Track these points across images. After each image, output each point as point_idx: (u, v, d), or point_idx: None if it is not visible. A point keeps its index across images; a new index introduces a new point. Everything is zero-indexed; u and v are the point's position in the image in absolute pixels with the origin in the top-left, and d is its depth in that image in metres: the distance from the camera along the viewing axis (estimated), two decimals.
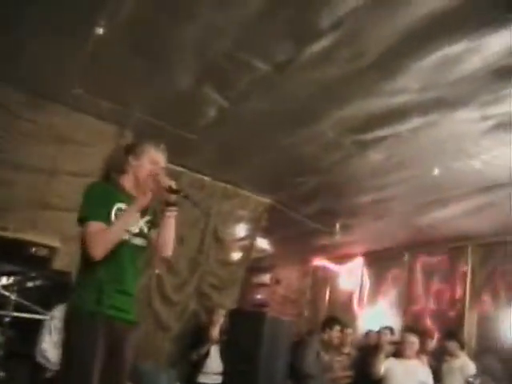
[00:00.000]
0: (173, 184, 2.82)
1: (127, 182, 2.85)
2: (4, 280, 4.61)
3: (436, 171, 5.22)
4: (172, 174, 3.94)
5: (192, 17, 3.69)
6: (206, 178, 6.55)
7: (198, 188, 6.47)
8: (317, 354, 6.19)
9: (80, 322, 2.57)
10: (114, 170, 2.87)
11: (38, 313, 4.37)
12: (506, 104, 3.94)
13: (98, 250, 2.58)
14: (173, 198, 2.84)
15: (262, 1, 3.39)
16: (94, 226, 2.60)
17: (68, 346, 2.64)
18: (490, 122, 4.25)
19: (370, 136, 4.78)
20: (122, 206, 2.76)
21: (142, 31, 3.95)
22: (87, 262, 2.65)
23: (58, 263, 5.03)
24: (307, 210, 7.06)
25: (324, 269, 9.73)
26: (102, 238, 2.61)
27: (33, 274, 4.86)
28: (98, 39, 4.01)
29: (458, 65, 3.63)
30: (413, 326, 7.13)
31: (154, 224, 2.90)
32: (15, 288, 4.49)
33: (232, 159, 5.97)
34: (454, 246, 7.37)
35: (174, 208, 2.85)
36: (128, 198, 2.81)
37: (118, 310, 2.72)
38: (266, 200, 7.10)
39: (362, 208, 6.65)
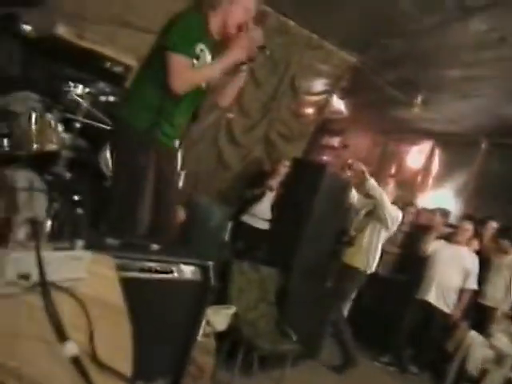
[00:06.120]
0: (261, 40, 2.73)
1: (214, 22, 2.74)
2: (79, 89, 4.72)
3: None
4: (258, 14, 3.76)
5: None
6: (292, 23, 6.25)
7: (282, 32, 6.22)
8: None
9: (133, 140, 2.62)
10: (204, 1, 2.75)
11: (106, 125, 4.50)
12: None
13: (181, 87, 2.56)
14: (255, 53, 2.76)
15: None
16: (183, 60, 2.55)
17: (120, 162, 2.73)
18: None
19: (479, 1, 4.29)
20: (203, 47, 2.71)
21: None
22: (152, 84, 2.64)
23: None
24: (390, 77, 6.70)
25: (395, 143, 9.51)
26: (190, 77, 2.59)
27: (106, 89, 4.96)
28: None
29: None
30: (471, 214, 7.05)
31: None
32: (88, 98, 4.61)
33: (322, 7, 5.61)
34: None
35: (251, 63, 2.81)
36: (210, 41, 2.76)
37: (168, 137, 2.77)
38: (350, 58, 6.77)
39: (447, 83, 6.23)
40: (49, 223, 1.16)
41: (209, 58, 2.76)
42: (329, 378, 4.95)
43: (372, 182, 5.14)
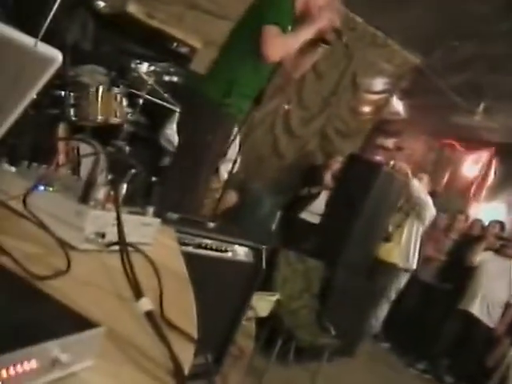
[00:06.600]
0: (339, 25, 2.79)
1: (299, 2, 2.80)
2: (145, 67, 4.82)
3: None
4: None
5: None
6: (359, 20, 6.20)
7: (349, 28, 6.17)
8: None
9: (206, 111, 2.67)
10: None
11: (169, 103, 4.58)
12: None
13: (276, 53, 2.64)
14: (332, 37, 2.82)
15: None
16: (277, 30, 2.61)
17: (190, 130, 2.77)
18: None
19: None
20: (290, 26, 2.75)
21: None
22: (229, 59, 2.70)
23: (196, 65, 5.15)
24: (453, 81, 6.53)
25: (451, 149, 9.28)
26: (282, 43, 2.66)
27: (171, 69, 5.04)
28: None
29: None
30: None
31: None
32: (153, 76, 4.70)
33: (390, 5, 5.52)
34: None
35: (327, 46, 2.89)
36: (294, 21, 2.82)
37: (239, 110, 2.82)
38: (413, 59, 6.66)
39: None
40: (124, 188, 1.20)
41: None
42: (363, 375, 4.93)
43: (415, 182, 5.18)
